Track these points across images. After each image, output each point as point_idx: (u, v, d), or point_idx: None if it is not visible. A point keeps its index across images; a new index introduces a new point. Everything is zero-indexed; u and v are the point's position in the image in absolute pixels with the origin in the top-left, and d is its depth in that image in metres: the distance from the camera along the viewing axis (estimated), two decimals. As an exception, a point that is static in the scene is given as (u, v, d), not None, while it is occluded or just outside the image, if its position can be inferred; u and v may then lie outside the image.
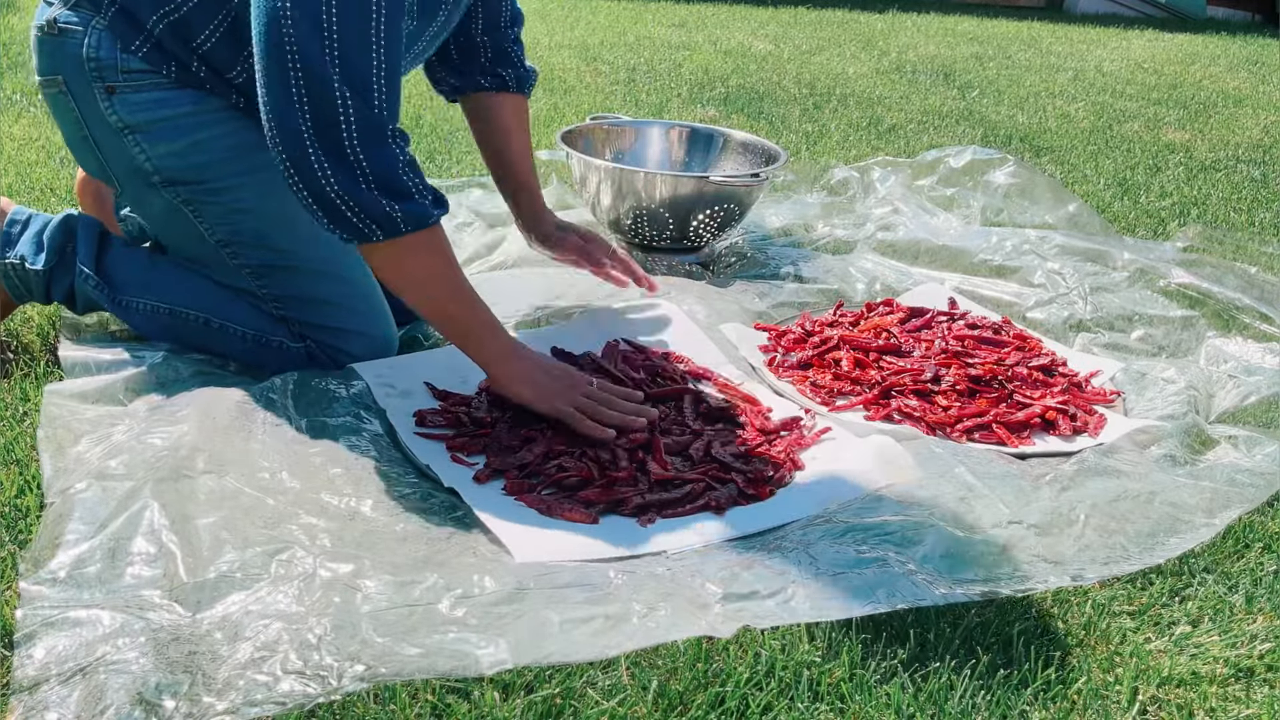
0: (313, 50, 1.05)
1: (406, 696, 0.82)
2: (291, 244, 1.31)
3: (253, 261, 1.32)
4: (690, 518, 1.11)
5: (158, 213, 1.33)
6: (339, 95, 1.07)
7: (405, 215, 1.12)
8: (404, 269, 1.18)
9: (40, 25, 1.27)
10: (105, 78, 1.24)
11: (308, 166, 1.09)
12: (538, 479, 1.15)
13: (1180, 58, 4.54)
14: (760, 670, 0.88)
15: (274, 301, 1.34)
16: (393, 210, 1.12)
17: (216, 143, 1.27)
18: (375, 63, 1.09)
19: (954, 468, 1.18)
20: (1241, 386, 1.42)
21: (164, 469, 1.06)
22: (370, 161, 1.10)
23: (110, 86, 1.25)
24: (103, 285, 1.35)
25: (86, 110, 1.27)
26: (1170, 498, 1.15)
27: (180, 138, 1.27)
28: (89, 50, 1.24)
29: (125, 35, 1.23)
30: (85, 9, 1.24)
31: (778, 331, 1.56)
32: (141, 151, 1.27)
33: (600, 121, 2.03)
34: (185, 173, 1.28)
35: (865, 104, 3.18)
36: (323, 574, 0.94)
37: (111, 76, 1.24)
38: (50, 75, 1.27)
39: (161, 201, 1.30)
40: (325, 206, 1.11)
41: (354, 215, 1.11)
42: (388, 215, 1.12)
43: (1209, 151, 2.85)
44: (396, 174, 1.12)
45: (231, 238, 1.31)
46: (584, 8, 4.74)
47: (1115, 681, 0.90)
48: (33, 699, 0.80)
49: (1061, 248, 1.88)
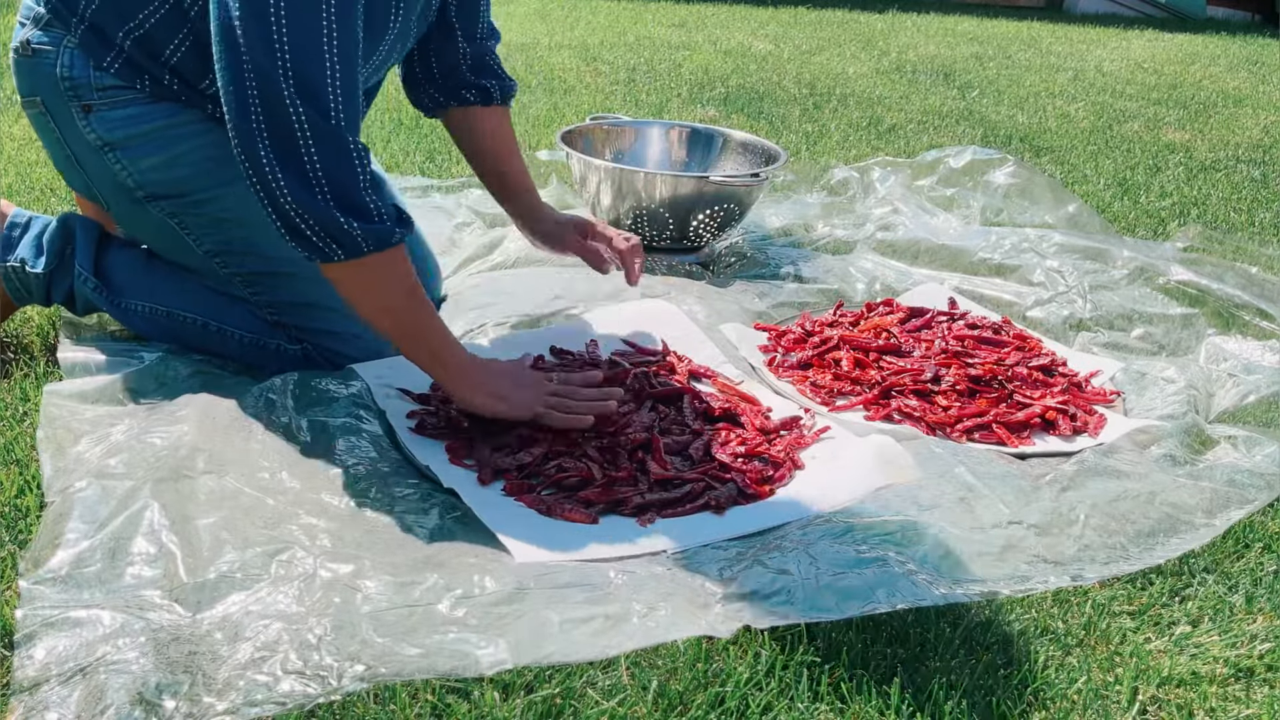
0: (265, 62, 1.03)
1: (406, 696, 0.82)
2: (279, 250, 1.29)
3: (243, 270, 1.32)
4: (690, 517, 1.11)
5: (147, 227, 1.33)
6: (291, 106, 1.03)
7: (365, 235, 1.09)
8: (363, 289, 1.14)
9: (15, 47, 1.27)
10: (81, 96, 1.24)
11: (265, 181, 1.06)
12: (537, 479, 1.15)
13: (1180, 58, 4.54)
14: (760, 670, 0.88)
15: (268, 308, 1.34)
16: (352, 229, 1.08)
17: (195, 154, 1.27)
18: (329, 74, 1.05)
19: (954, 468, 1.18)
20: (1241, 385, 1.42)
21: (164, 469, 1.06)
22: (329, 177, 1.06)
23: (87, 105, 1.24)
24: (101, 288, 1.35)
25: (66, 130, 1.27)
26: (1170, 498, 1.15)
27: (159, 152, 1.26)
28: (62, 70, 1.23)
29: (96, 52, 1.23)
30: (56, 29, 1.24)
31: (778, 331, 1.56)
32: (123, 168, 1.26)
33: (600, 122, 2.03)
34: (168, 186, 1.27)
35: (865, 104, 3.18)
36: (323, 574, 0.94)
37: (87, 95, 1.24)
38: (30, 96, 1.28)
39: (148, 216, 1.30)
40: (285, 222, 1.08)
41: (313, 233, 1.08)
42: (348, 234, 1.08)
43: (1209, 151, 2.85)
44: (357, 191, 1.08)
45: (220, 248, 1.31)
46: (584, 8, 4.74)
47: (1115, 681, 0.90)
48: (33, 699, 0.80)
49: (1061, 246, 1.88)
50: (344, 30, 1.06)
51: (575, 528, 1.08)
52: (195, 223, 1.30)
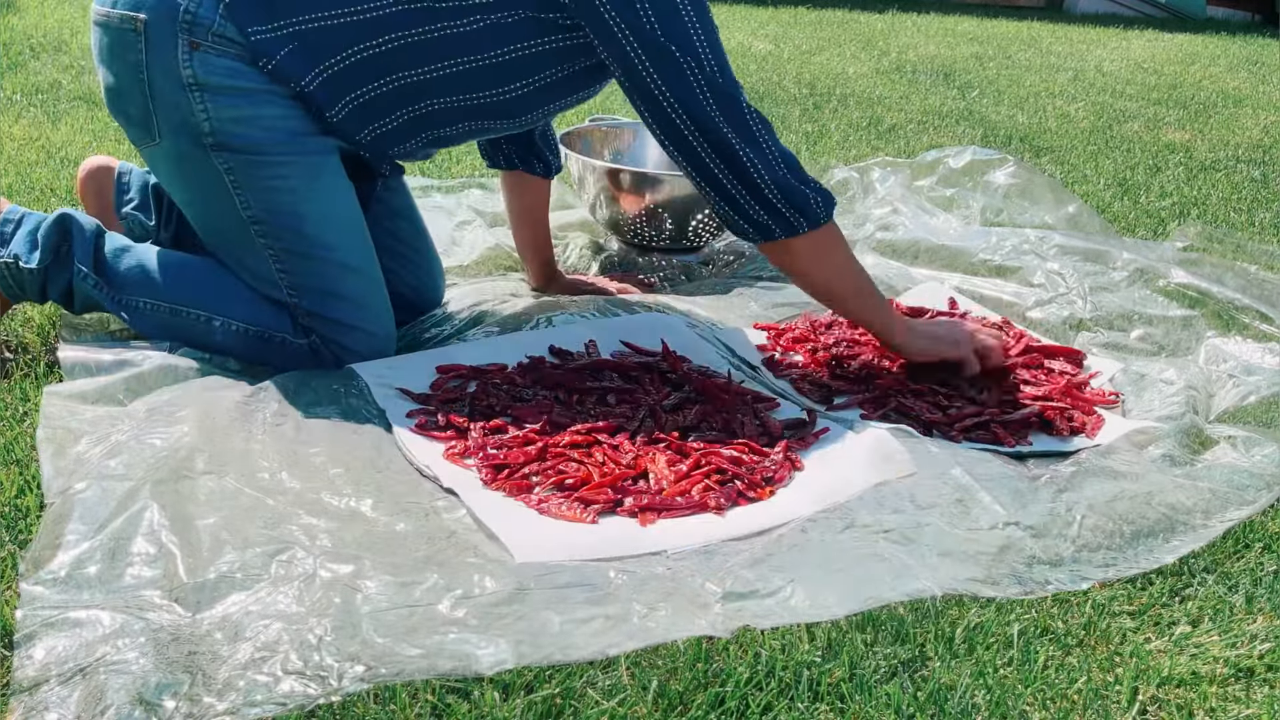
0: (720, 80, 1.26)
1: (406, 697, 0.82)
2: (321, 232, 1.31)
3: (279, 244, 1.32)
4: (689, 517, 1.11)
5: (194, 176, 1.31)
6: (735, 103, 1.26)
7: (823, 200, 1.30)
8: (822, 254, 1.34)
9: None
10: (195, 34, 1.24)
11: (740, 160, 1.26)
12: (537, 479, 1.15)
13: (1180, 58, 4.54)
14: (760, 670, 0.88)
15: (290, 289, 1.34)
16: (812, 197, 1.29)
17: (278, 122, 1.28)
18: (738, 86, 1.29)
19: (951, 468, 1.18)
20: (1241, 386, 1.42)
21: (164, 469, 1.06)
22: (783, 155, 1.28)
23: (195, 43, 1.24)
24: (102, 284, 1.35)
25: (156, 57, 1.25)
26: (1168, 499, 1.15)
27: (247, 108, 1.26)
28: (190, 3, 1.23)
29: (246, 17, 1.23)
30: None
31: (777, 331, 1.56)
32: (204, 110, 1.26)
33: (599, 123, 2.03)
34: (240, 140, 1.27)
35: (865, 104, 3.18)
36: (323, 574, 0.94)
37: (201, 35, 1.24)
38: (131, 11, 1.25)
39: (204, 165, 1.29)
40: (756, 197, 1.28)
41: (784, 206, 1.28)
42: (809, 202, 1.29)
43: (1209, 151, 2.85)
44: (797, 162, 1.29)
45: (265, 215, 1.30)
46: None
47: (1115, 681, 0.90)
48: (33, 699, 0.80)
49: (1061, 248, 1.88)
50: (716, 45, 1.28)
51: (574, 527, 1.08)
52: (252, 182, 1.29)
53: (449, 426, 1.23)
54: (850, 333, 1.54)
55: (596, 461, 1.17)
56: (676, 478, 1.15)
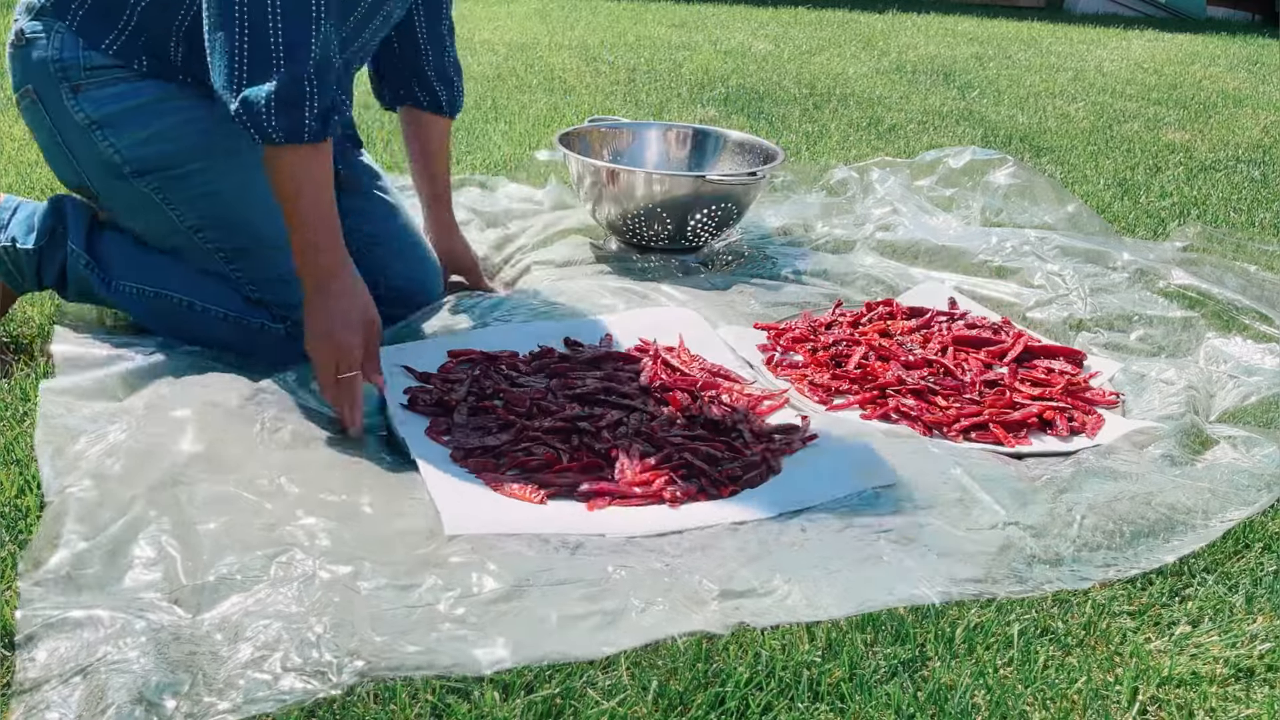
0: None
1: (406, 697, 0.82)
2: (261, 224, 1.32)
3: (226, 245, 1.35)
4: (640, 509, 1.12)
5: (132, 206, 1.35)
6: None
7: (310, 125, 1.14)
8: (281, 173, 1.18)
9: (10, 40, 1.31)
10: (70, 77, 1.28)
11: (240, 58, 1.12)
12: (503, 460, 1.17)
13: (1180, 58, 4.54)
14: (760, 670, 0.88)
15: (249, 284, 1.36)
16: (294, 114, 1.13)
17: (181, 129, 1.30)
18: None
19: (951, 468, 1.18)
20: (1241, 387, 1.42)
21: (162, 469, 1.06)
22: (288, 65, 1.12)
23: (76, 85, 1.28)
24: (94, 265, 1.38)
25: (55, 114, 1.30)
26: (1168, 499, 1.15)
27: (146, 126, 1.29)
28: (52, 53, 1.27)
29: (95, 34, 1.27)
30: (49, 16, 1.28)
31: (777, 330, 1.56)
32: (110, 144, 1.29)
33: (598, 123, 2.03)
34: (153, 160, 1.30)
35: (865, 104, 3.18)
36: (322, 575, 0.94)
37: (76, 75, 1.28)
38: (23, 86, 1.31)
39: (134, 194, 1.32)
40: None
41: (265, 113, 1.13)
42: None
43: (1209, 151, 2.85)
44: (302, 83, 1.13)
45: (202, 223, 1.34)
46: (584, 8, 4.74)
47: (1115, 681, 0.90)
48: (34, 699, 0.80)
49: (1061, 248, 1.88)
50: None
51: (520, 505, 1.10)
52: (179, 197, 1.32)
53: (438, 404, 1.25)
54: (850, 333, 1.54)
55: (571, 447, 1.18)
56: (643, 469, 1.16)
